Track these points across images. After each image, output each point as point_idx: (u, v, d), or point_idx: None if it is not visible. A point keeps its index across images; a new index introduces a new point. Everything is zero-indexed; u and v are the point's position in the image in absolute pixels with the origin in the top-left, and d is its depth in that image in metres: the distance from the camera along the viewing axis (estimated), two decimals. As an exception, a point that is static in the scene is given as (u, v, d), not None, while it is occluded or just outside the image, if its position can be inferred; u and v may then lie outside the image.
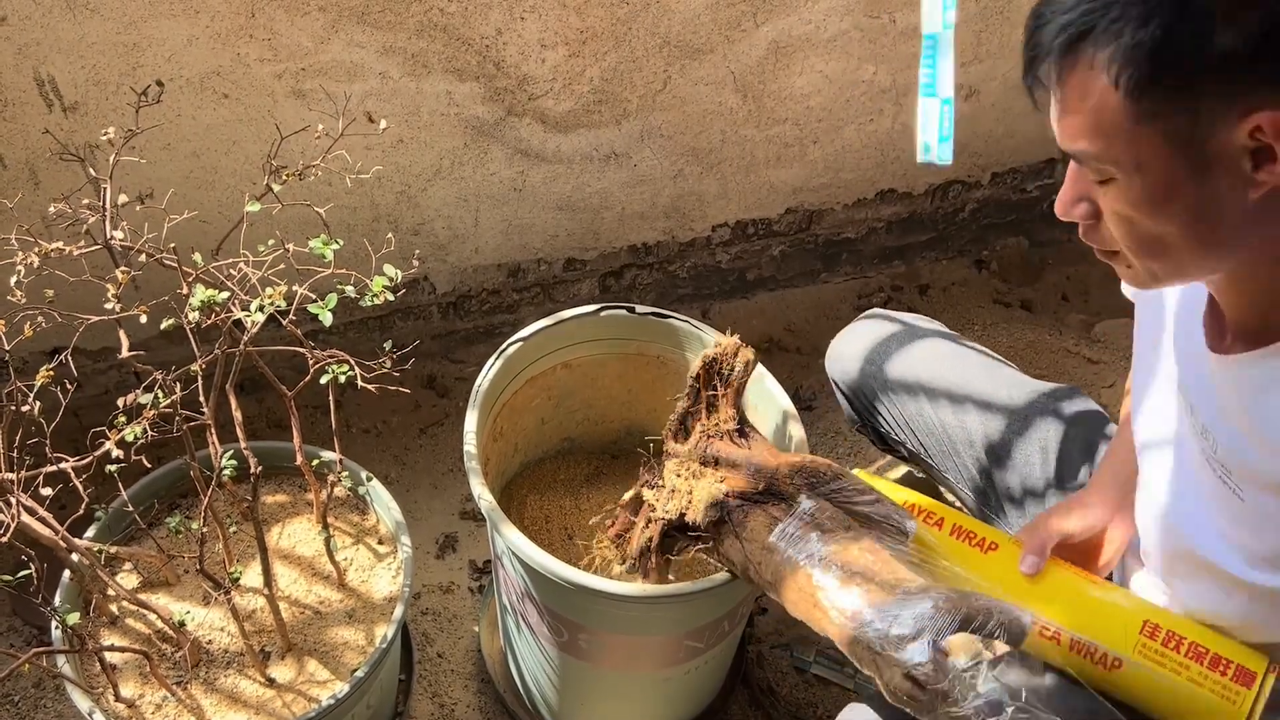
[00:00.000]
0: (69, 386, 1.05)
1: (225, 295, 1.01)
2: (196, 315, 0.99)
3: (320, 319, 1.02)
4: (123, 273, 0.99)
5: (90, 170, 1.08)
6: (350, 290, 1.06)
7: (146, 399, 1.01)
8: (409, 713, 1.48)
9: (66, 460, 1.02)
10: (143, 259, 1.02)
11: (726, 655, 1.41)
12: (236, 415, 1.16)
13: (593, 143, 1.73)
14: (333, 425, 1.19)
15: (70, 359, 1.06)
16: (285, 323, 1.05)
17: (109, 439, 0.99)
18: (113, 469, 1.00)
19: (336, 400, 1.18)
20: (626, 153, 1.77)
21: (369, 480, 1.30)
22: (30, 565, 1.00)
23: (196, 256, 1.04)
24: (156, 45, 1.38)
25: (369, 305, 1.04)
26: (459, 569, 1.68)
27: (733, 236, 2.01)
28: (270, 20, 1.41)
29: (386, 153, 1.61)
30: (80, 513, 1.05)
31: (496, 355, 1.32)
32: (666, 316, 1.39)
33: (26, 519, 1.01)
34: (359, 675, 1.19)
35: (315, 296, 1.04)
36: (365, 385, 1.05)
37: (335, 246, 1.04)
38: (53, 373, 0.97)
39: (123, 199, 1.03)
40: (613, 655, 1.25)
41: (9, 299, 0.98)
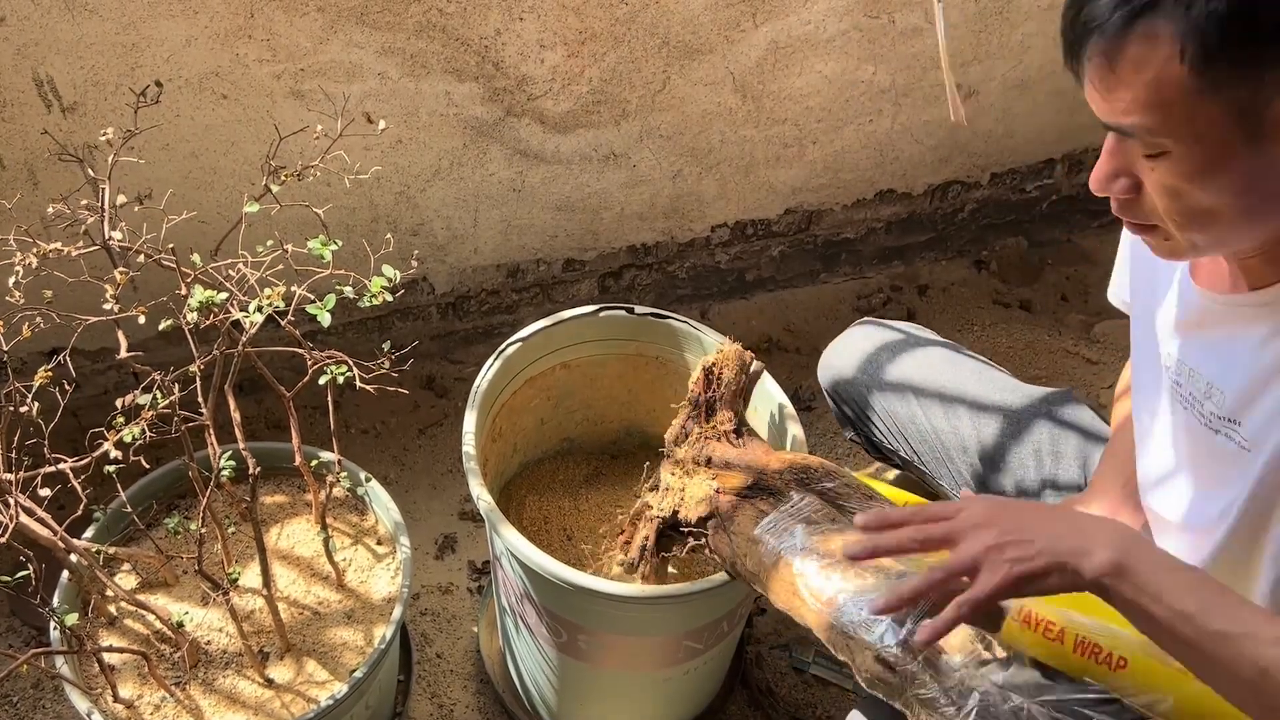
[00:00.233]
0: (67, 387, 1.05)
1: (224, 296, 1.01)
2: (195, 316, 0.99)
3: (319, 320, 1.01)
4: (121, 273, 0.99)
5: (89, 171, 1.08)
6: (349, 291, 1.05)
7: (145, 400, 1.01)
8: (408, 713, 1.48)
9: (65, 461, 1.02)
10: (141, 259, 1.02)
11: (725, 656, 1.41)
12: (235, 416, 1.16)
13: (592, 143, 1.73)
14: (331, 426, 1.19)
15: (69, 359, 1.06)
16: (284, 323, 1.05)
17: (107, 439, 0.99)
18: (111, 469, 1.00)
19: (335, 401, 1.18)
20: (625, 153, 1.77)
21: (368, 481, 1.30)
22: (29, 566, 1.00)
23: (195, 257, 1.04)
24: (155, 46, 1.38)
25: (368, 306, 1.04)
26: (458, 570, 1.68)
27: (732, 237, 2.01)
28: (269, 21, 1.41)
29: (385, 153, 1.61)
30: (79, 513, 1.05)
31: (495, 356, 1.32)
32: (665, 317, 1.39)
33: (25, 519, 1.01)
34: (358, 676, 1.19)
35: (314, 297, 1.04)
36: (364, 386, 1.05)
37: (334, 247, 1.04)
38: (51, 373, 0.97)
39: (121, 199, 1.03)
40: (612, 656, 1.25)
41: (8, 299, 0.98)
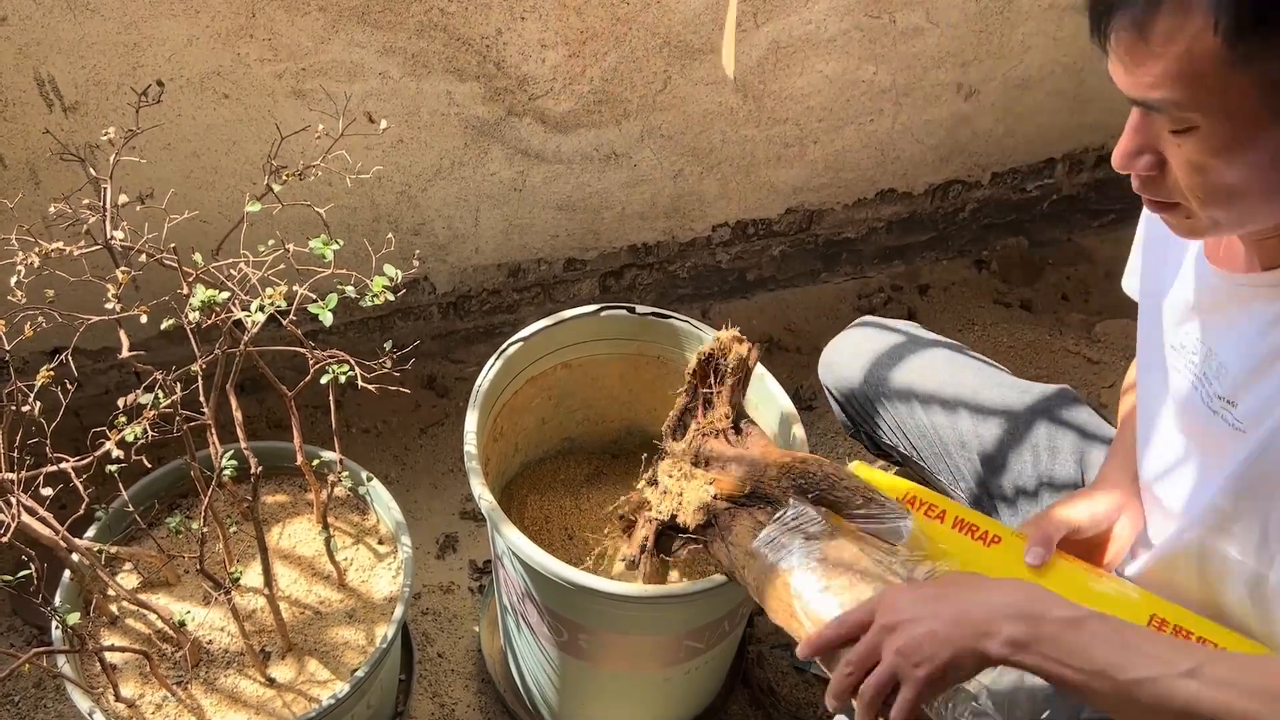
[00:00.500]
0: (69, 386, 1.05)
1: (225, 295, 1.01)
2: (197, 315, 0.99)
3: (320, 319, 1.02)
4: (123, 273, 0.99)
5: (90, 170, 1.08)
6: (350, 290, 1.06)
7: (147, 399, 1.01)
8: (409, 712, 1.48)
9: (67, 460, 1.02)
10: (143, 259, 1.02)
11: (726, 655, 1.41)
12: (237, 415, 1.16)
13: (593, 143, 1.73)
14: (333, 425, 1.19)
15: (70, 359, 1.06)
16: (285, 323, 1.05)
17: (109, 439, 0.99)
18: (113, 469, 1.00)
19: (336, 400, 1.18)
20: (626, 153, 1.77)
21: (369, 480, 1.30)
22: (30, 565, 1.00)
23: (197, 256, 1.04)
24: (157, 45, 1.38)
25: (369, 305, 1.04)
26: (459, 569, 1.68)
27: (733, 236, 2.01)
28: (270, 20, 1.41)
29: (386, 153, 1.61)
30: (80, 513, 1.05)
31: (497, 355, 1.32)
32: (667, 316, 1.39)
33: (27, 519, 1.01)
34: (359, 675, 1.19)
35: (315, 296, 1.04)
36: (365, 385, 1.05)
37: (335, 246, 1.04)
38: (53, 373, 0.97)
39: (123, 199, 1.03)
40: (613, 655, 1.25)
41: (9, 299, 0.98)
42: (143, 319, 1.00)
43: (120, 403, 1.00)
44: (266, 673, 1.22)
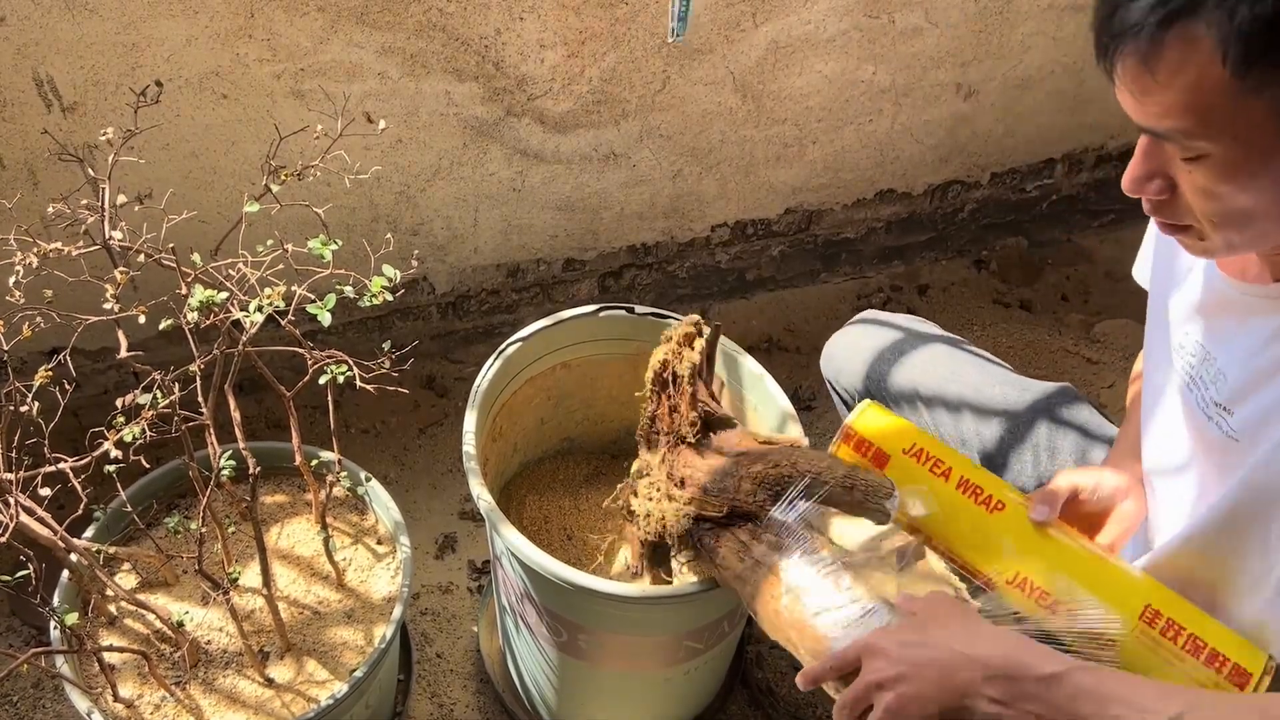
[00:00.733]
0: (68, 387, 1.05)
1: (224, 295, 1.01)
2: (195, 315, 0.99)
3: (319, 319, 1.01)
4: (121, 273, 0.99)
5: (89, 170, 1.08)
6: (349, 290, 1.05)
7: (145, 399, 1.01)
8: (408, 713, 1.48)
9: (65, 460, 1.02)
10: (141, 259, 1.02)
11: (726, 656, 1.41)
12: (235, 415, 1.16)
13: (592, 143, 1.73)
14: (331, 425, 1.19)
15: (69, 359, 1.06)
16: (284, 323, 1.05)
17: (108, 439, 0.99)
18: (111, 469, 1.00)
19: (335, 400, 1.18)
20: (625, 153, 1.77)
21: (368, 480, 1.30)
22: (29, 565, 1.00)
23: (195, 257, 1.04)
24: (155, 45, 1.38)
25: (368, 305, 1.04)
26: (458, 569, 1.68)
27: (732, 237, 2.01)
28: (269, 20, 1.41)
29: (385, 153, 1.61)
30: (79, 513, 1.05)
31: (496, 355, 1.32)
32: (666, 317, 1.38)
33: (25, 519, 1.01)
34: (358, 675, 1.19)
35: (314, 297, 1.04)
36: (364, 385, 1.05)
37: (334, 247, 1.04)
38: (51, 373, 0.97)
39: (121, 199, 1.03)
40: (612, 655, 1.25)
41: (8, 299, 0.98)
42: (141, 319, 1.00)
43: (119, 403, 1.00)
44: (265, 673, 1.22)
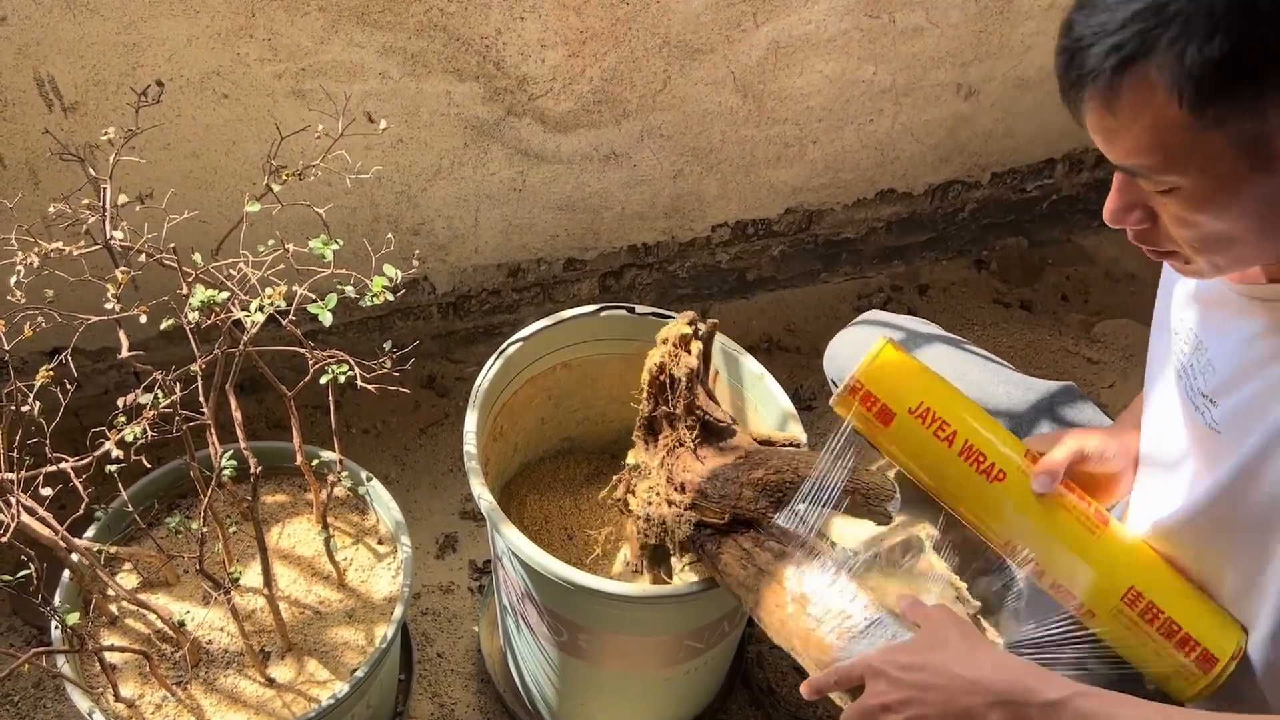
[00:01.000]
0: (69, 386, 1.05)
1: (225, 295, 1.01)
2: (196, 315, 0.99)
3: (320, 319, 1.02)
4: (122, 273, 0.99)
5: (90, 170, 1.08)
6: (350, 290, 1.06)
7: (146, 399, 1.01)
8: (409, 712, 1.48)
9: (66, 460, 1.02)
10: (142, 259, 1.02)
11: (726, 656, 1.41)
12: (236, 415, 1.16)
13: (592, 143, 1.73)
14: (332, 425, 1.19)
15: (70, 359, 1.06)
16: (285, 323, 1.05)
17: (109, 439, 0.99)
18: (112, 469, 1.00)
19: (336, 400, 1.18)
20: (626, 153, 1.77)
21: (369, 480, 1.30)
22: (30, 565, 1.00)
23: (196, 256, 1.04)
24: (156, 45, 1.38)
25: (369, 305, 1.04)
26: (459, 569, 1.68)
27: (732, 236, 2.01)
28: (270, 20, 1.41)
29: (386, 153, 1.61)
30: (80, 513, 1.05)
31: (496, 355, 1.32)
32: (666, 317, 1.38)
33: (26, 519, 1.01)
34: (359, 675, 1.19)
35: (315, 296, 1.04)
36: (365, 385, 1.05)
37: (335, 247, 1.04)
38: (52, 373, 0.97)
39: (122, 199, 1.03)
40: (612, 655, 1.25)
41: (9, 299, 0.98)
42: (142, 319, 1.00)
43: (120, 403, 1.00)
44: (266, 673, 1.22)
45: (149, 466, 1.07)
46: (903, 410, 1.03)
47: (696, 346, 1.11)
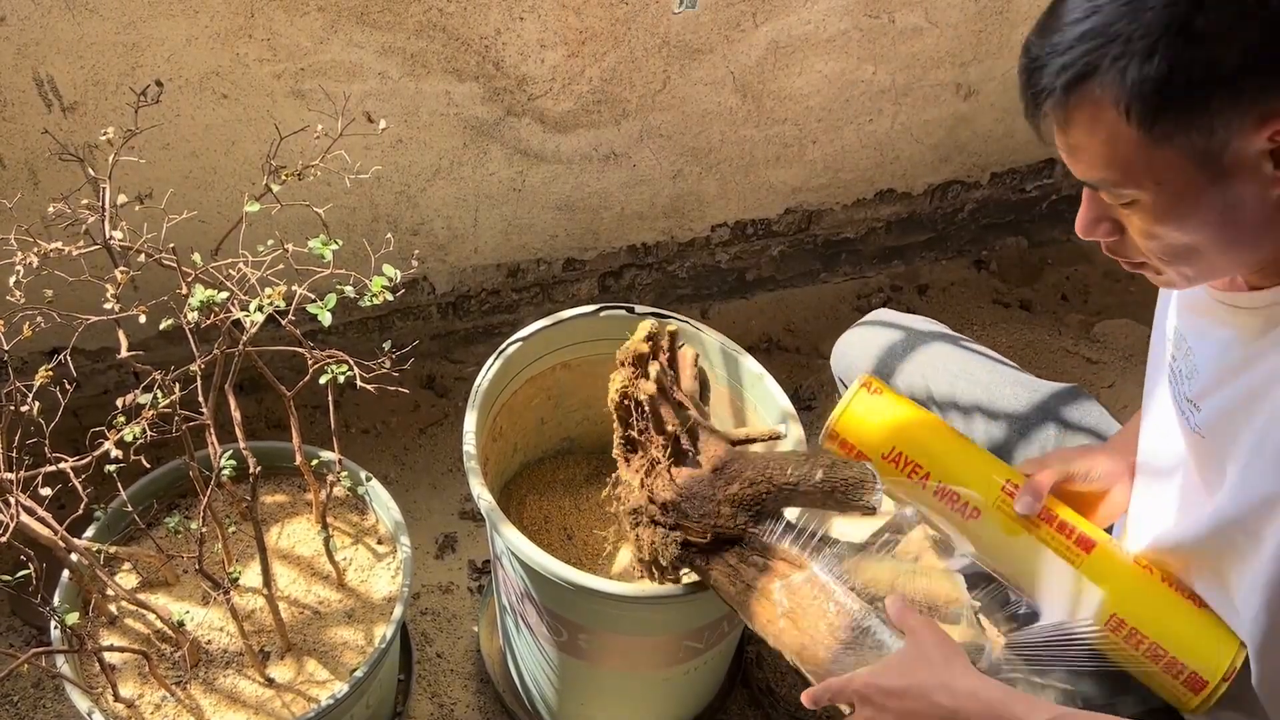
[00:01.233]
0: (68, 386, 1.05)
1: (224, 295, 1.01)
2: (196, 315, 0.99)
3: (319, 319, 1.02)
4: (122, 273, 0.99)
5: (89, 170, 1.08)
6: (349, 290, 1.05)
7: (146, 399, 1.01)
8: (408, 713, 1.48)
9: (65, 460, 1.02)
10: (142, 259, 1.02)
11: (726, 656, 1.41)
12: (235, 415, 1.16)
13: (592, 143, 1.73)
14: (332, 425, 1.19)
15: (69, 359, 1.06)
16: (284, 323, 1.05)
17: (108, 439, 0.99)
18: (112, 469, 1.00)
19: (335, 400, 1.18)
20: (626, 153, 1.77)
21: (368, 480, 1.30)
22: (29, 565, 1.00)
23: (195, 256, 1.04)
24: (156, 45, 1.38)
25: (368, 305, 1.04)
26: (458, 569, 1.68)
27: (732, 236, 2.01)
28: (269, 20, 1.41)
29: (386, 153, 1.61)
30: (79, 513, 1.05)
31: (496, 355, 1.32)
32: (666, 317, 1.38)
33: (26, 519, 1.01)
34: (358, 675, 1.19)
35: (314, 296, 1.04)
36: (364, 385, 1.05)
37: (334, 246, 1.04)
38: (52, 373, 0.97)
39: (122, 199, 1.03)
40: (612, 655, 1.25)
41: (8, 299, 0.98)
42: (141, 319, 1.00)
43: (119, 403, 1.00)
44: (265, 673, 1.22)
45: (148, 466, 1.07)
46: (876, 456, 1.06)
47: (655, 369, 1.07)
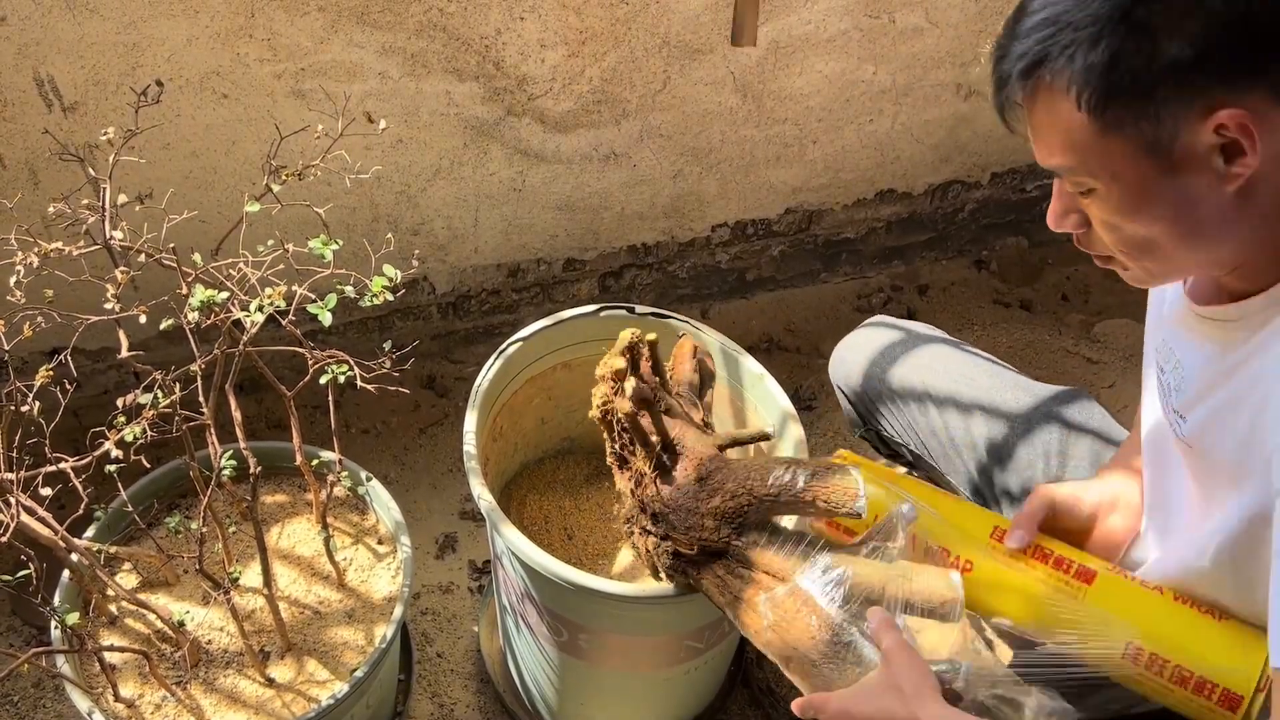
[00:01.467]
0: (68, 386, 1.05)
1: (225, 295, 1.01)
2: (196, 315, 0.99)
3: (320, 319, 1.02)
4: (122, 273, 0.99)
5: (90, 170, 1.08)
6: (350, 290, 1.06)
7: (146, 399, 1.01)
8: (408, 713, 1.48)
9: (66, 460, 1.02)
10: (142, 259, 1.02)
11: (726, 655, 1.41)
12: (236, 415, 1.16)
13: (592, 143, 1.73)
14: (332, 425, 1.19)
15: (70, 359, 1.06)
16: (285, 323, 1.05)
17: (108, 439, 0.99)
18: (112, 469, 1.00)
19: (336, 400, 1.18)
20: (626, 153, 1.77)
21: (368, 480, 1.30)
22: (30, 565, 1.00)
23: (196, 256, 1.04)
24: (156, 45, 1.38)
25: (368, 305, 1.04)
26: (458, 569, 1.68)
27: (732, 236, 2.01)
28: (270, 20, 1.41)
29: (386, 153, 1.61)
30: (80, 513, 1.05)
31: (496, 355, 1.32)
32: (666, 317, 1.39)
33: (26, 519, 1.01)
34: (358, 675, 1.19)
35: (315, 296, 1.04)
36: (365, 385, 1.05)
37: (335, 246, 1.04)
38: (52, 373, 0.97)
39: (122, 199, 1.03)
40: (612, 655, 1.26)
41: (9, 299, 0.98)
42: (142, 319, 1.00)
43: (119, 403, 1.00)
44: (266, 673, 1.22)
45: (149, 466, 1.07)
46: (860, 528, 1.05)
47: (630, 385, 1.04)
